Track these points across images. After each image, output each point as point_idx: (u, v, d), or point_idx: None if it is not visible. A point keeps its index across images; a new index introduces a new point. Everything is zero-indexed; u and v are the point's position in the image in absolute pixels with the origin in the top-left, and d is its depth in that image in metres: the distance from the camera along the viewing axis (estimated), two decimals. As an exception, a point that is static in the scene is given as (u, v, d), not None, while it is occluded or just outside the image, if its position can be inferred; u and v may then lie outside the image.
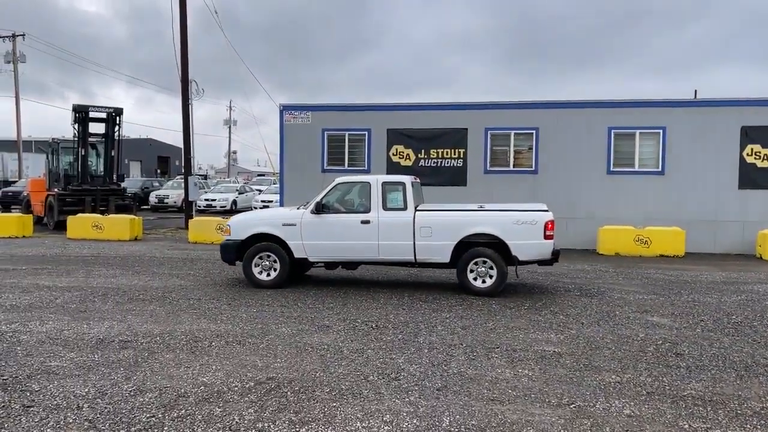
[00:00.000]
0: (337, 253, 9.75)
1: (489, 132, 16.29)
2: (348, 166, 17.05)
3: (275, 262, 9.81)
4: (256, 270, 9.88)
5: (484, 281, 9.34)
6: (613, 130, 15.64)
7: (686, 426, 4.49)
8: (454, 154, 16.50)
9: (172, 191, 31.10)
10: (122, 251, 14.67)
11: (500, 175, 16.19)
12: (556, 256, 9.38)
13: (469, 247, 9.36)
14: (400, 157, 16.80)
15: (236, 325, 7.39)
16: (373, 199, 9.62)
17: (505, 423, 4.51)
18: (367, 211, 9.60)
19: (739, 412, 4.78)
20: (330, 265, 10.12)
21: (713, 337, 7.07)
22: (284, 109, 17.48)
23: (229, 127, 65.94)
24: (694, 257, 14.32)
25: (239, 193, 31.70)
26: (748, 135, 15.01)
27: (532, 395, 5.09)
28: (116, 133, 21.22)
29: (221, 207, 29.36)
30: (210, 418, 4.57)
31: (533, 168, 16.09)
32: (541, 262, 9.50)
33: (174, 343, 6.58)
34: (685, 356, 6.27)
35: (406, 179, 9.77)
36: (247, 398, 4.98)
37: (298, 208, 10.06)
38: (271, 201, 27.27)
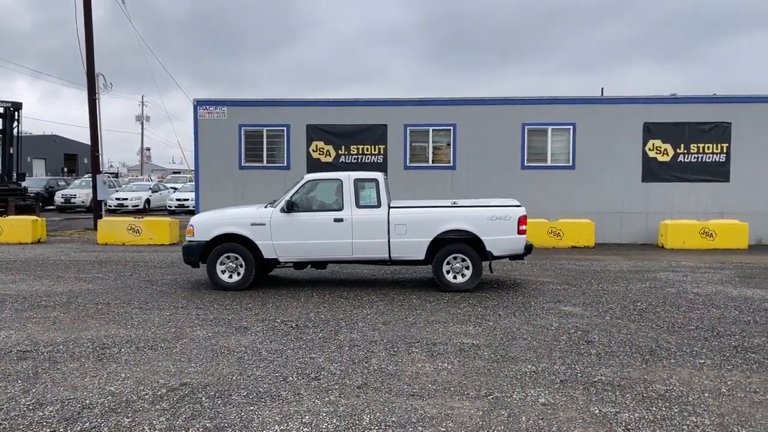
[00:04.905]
0: (309, 253, 9.47)
1: (408, 128, 16.40)
2: (267, 163, 16.71)
3: (241, 264, 9.43)
4: (221, 272, 9.48)
5: (458, 277, 9.37)
6: (526, 126, 16.13)
7: (597, 411, 4.66)
8: (375, 150, 16.51)
9: (79, 190, 29.53)
10: (23, 255, 13.75)
11: (420, 171, 16.34)
12: (528, 250, 9.50)
13: (443, 244, 9.33)
14: (320, 153, 16.63)
15: (148, 330, 7.06)
16: (346, 196, 9.39)
17: (425, 418, 4.52)
18: (340, 209, 9.37)
19: (645, 395, 5.01)
20: (299, 265, 9.81)
21: (621, 323, 7.40)
22: (198, 104, 16.89)
23: (142, 123, 63.22)
24: (603, 247, 15.01)
25: (153, 192, 30.50)
26: (650, 131, 15.88)
27: (452, 388, 5.14)
28: (15, 129, 19.92)
29: (133, 206, 28.15)
30: (117, 430, 4.31)
31: (451, 164, 16.34)
32: (513, 257, 9.62)
33: (79, 352, 6.19)
34: (595, 343, 6.52)
35: (379, 176, 9.61)
36: (158, 406, 4.74)
37: (265, 207, 9.68)
38: (187, 199, 26.44)
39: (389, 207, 9.43)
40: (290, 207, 9.35)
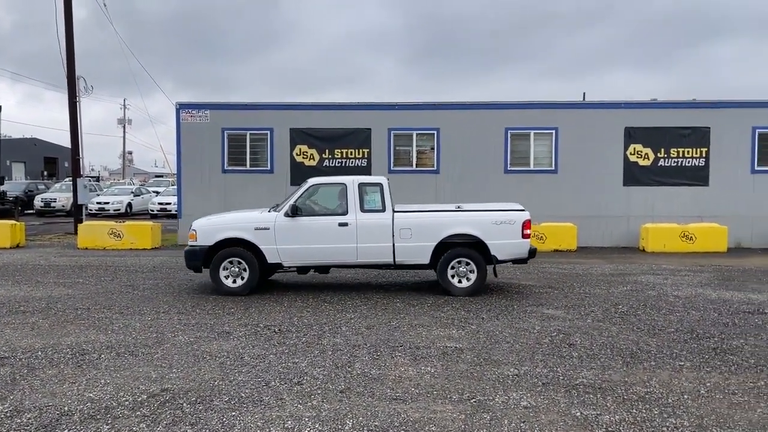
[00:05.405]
0: (313, 257, 9.41)
1: (392, 132, 16.43)
2: (250, 166, 16.65)
3: (244, 268, 9.34)
4: (224, 277, 9.38)
5: (462, 281, 9.34)
6: (509, 131, 16.23)
7: (578, 413, 4.69)
8: (359, 154, 16.52)
9: (59, 194, 29.17)
10: (1, 260, 13.54)
11: (404, 175, 16.33)
12: (532, 254, 9.54)
13: (448, 248, 9.31)
14: (303, 157, 16.59)
15: (129, 335, 6.99)
16: (350, 200, 9.35)
17: (408, 422, 4.52)
18: (345, 213, 9.33)
19: (625, 397, 5.05)
20: (302, 269, 9.76)
21: (602, 326, 7.46)
22: (181, 107, 16.78)
23: (124, 127, 62.67)
24: (585, 251, 15.13)
25: (135, 195, 30.22)
26: (631, 135, 16.05)
27: (435, 392, 5.14)
28: (-7, 132, 19.61)
29: (115, 210, 27.84)
30: (96, 437, 4.26)
31: (435, 168, 16.39)
32: (517, 261, 9.64)
33: (58, 358, 6.11)
34: (577, 346, 6.57)
35: (383, 180, 9.61)
36: (138, 412, 4.69)
37: (269, 211, 9.60)
38: (169, 203, 26.23)
39: (394, 211, 9.42)
40: (294, 211, 9.29)
